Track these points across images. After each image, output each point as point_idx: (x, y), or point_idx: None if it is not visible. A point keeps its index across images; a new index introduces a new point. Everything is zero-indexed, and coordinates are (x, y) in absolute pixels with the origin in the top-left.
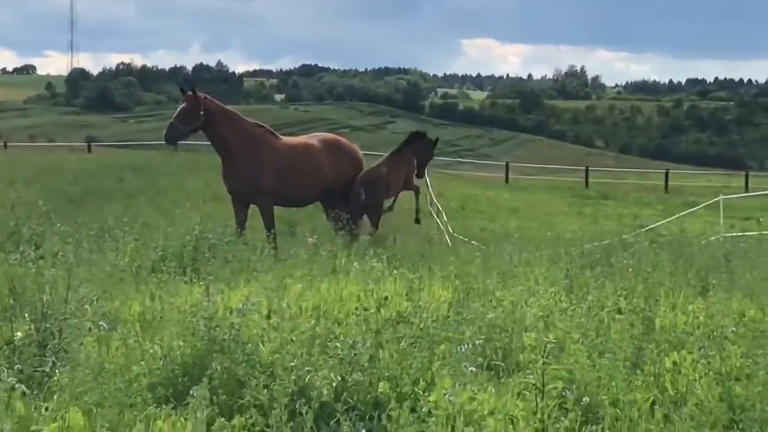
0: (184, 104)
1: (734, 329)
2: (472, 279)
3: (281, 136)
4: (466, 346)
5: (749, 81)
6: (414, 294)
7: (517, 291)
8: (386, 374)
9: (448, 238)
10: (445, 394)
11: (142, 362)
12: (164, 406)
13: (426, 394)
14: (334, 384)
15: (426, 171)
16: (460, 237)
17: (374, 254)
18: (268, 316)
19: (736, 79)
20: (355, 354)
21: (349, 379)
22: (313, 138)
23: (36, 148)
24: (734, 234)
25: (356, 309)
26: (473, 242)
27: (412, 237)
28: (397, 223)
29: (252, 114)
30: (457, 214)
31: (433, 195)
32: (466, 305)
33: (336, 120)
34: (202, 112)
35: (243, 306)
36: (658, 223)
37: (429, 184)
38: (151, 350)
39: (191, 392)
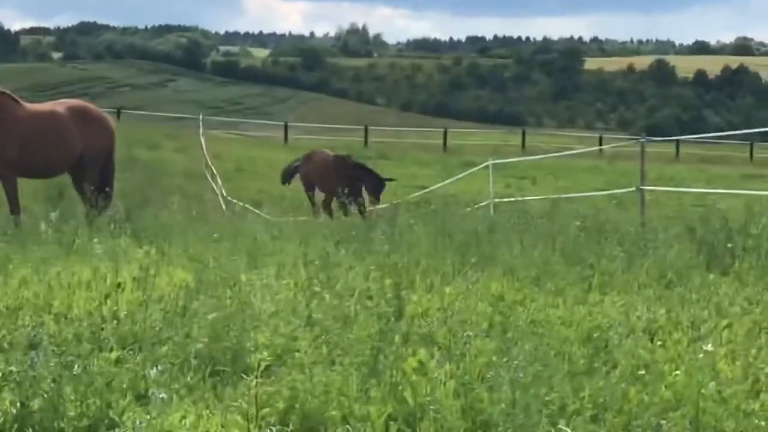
0: None
1: (487, 324)
2: (218, 258)
3: (24, 103)
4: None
5: (527, 39)
6: (149, 281)
7: (264, 273)
8: (72, 397)
9: (222, 202)
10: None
11: None
12: None
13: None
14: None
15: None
16: (234, 201)
17: (120, 229)
18: None
19: (515, 37)
20: (34, 375)
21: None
22: (60, 105)
23: None
24: (506, 200)
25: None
26: (247, 205)
27: (186, 200)
28: (172, 185)
29: (29, 72)
30: (233, 176)
31: (207, 157)
32: (204, 292)
33: (115, 78)
34: None
35: None
36: (432, 187)
37: (203, 145)
38: None
39: None
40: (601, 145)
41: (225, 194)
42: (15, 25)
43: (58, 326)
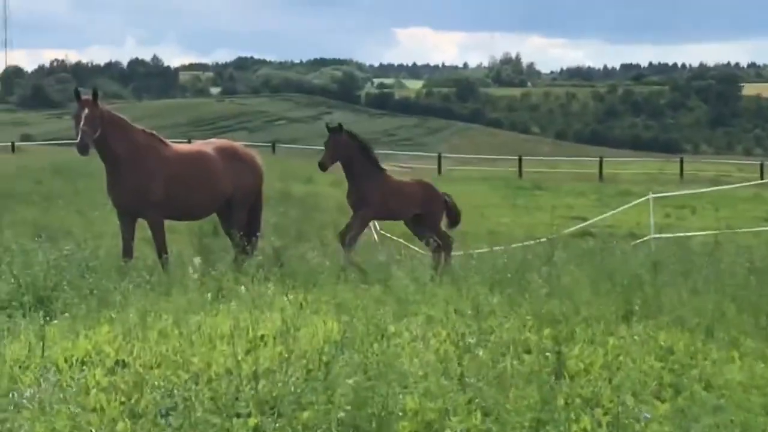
0: (86, 110)
1: (657, 383)
2: (366, 306)
3: (171, 144)
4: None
5: (683, 65)
6: (290, 334)
7: (414, 323)
8: None
9: (375, 235)
10: None
11: None
12: None
13: None
14: None
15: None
16: (387, 234)
17: (266, 273)
18: (113, 370)
19: (670, 64)
20: None
21: None
22: (207, 145)
23: None
24: (667, 235)
25: (221, 357)
26: (400, 240)
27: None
28: (326, 220)
29: (188, 108)
30: None
31: None
32: (350, 347)
33: (271, 112)
34: (99, 119)
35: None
36: (591, 220)
37: None
38: None
39: None
40: (762, 172)
41: (378, 228)
42: (174, 62)
43: (195, 388)
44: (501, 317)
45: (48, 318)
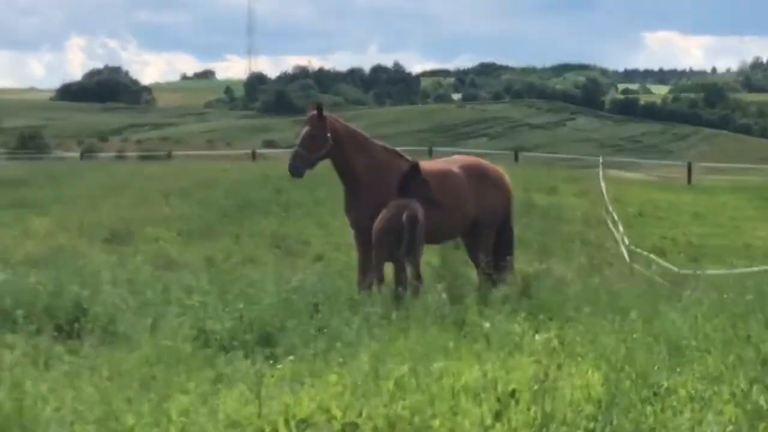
0: (308, 127)
1: None
2: (632, 350)
3: (414, 161)
4: None
5: None
6: (545, 390)
7: (690, 375)
8: None
9: (624, 250)
10: None
11: None
12: None
13: None
14: None
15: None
16: (638, 249)
17: (516, 305)
18: None
19: None
20: None
21: None
22: (453, 163)
23: (200, 157)
24: None
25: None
26: (651, 255)
27: (586, 249)
28: (571, 232)
29: (430, 114)
30: (634, 221)
31: (608, 201)
32: (618, 406)
33: (513, 118)
34: (329, 135)
35: None
36: None
37: (604, 189)
38: None
39: None
40: None
41: (626, 242)
42: (416, 68)
43: None
44: None
45: (271, 361)
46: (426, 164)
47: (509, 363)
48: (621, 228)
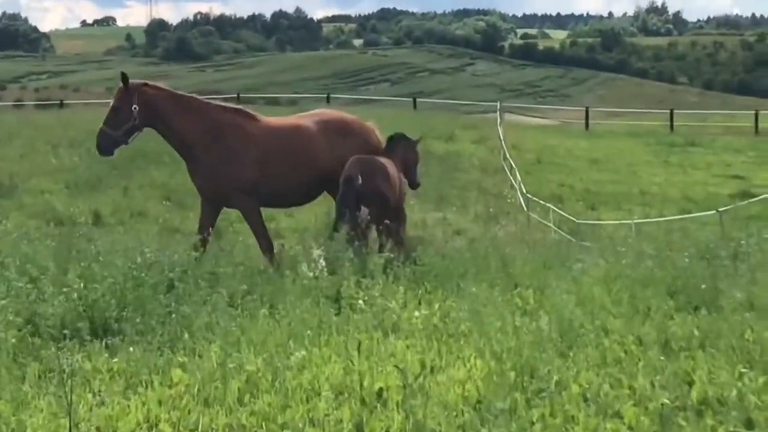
0: (113, 102)
1: None
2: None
3: (262, 118)
4: None
5: None
6: (418, 388)
7: (582, 366)
8: None
9: (521, 198)
10: None
11: None
12: None
13: None
14: None
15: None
16: (535, 198)
17: (399, 272)
18: None
19: None
20: None
21: None
22: (308, 117)
23: (97, 105)
24: None
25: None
26: (548, 204)
27: (483, 197)
28: (469, 180)
29: (331, 60)
30: (532, 168)
31: (506, 149)
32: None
33: (414, 64)
34: (135, 107)
35: None
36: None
37: (502, 136)
38: None
39: None
40: None
41: (524, 190)
42: (318, 14)
43: None
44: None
45: (108, 354)
46: (275, 120)
47: (381, 350)
48: (518, 176)
